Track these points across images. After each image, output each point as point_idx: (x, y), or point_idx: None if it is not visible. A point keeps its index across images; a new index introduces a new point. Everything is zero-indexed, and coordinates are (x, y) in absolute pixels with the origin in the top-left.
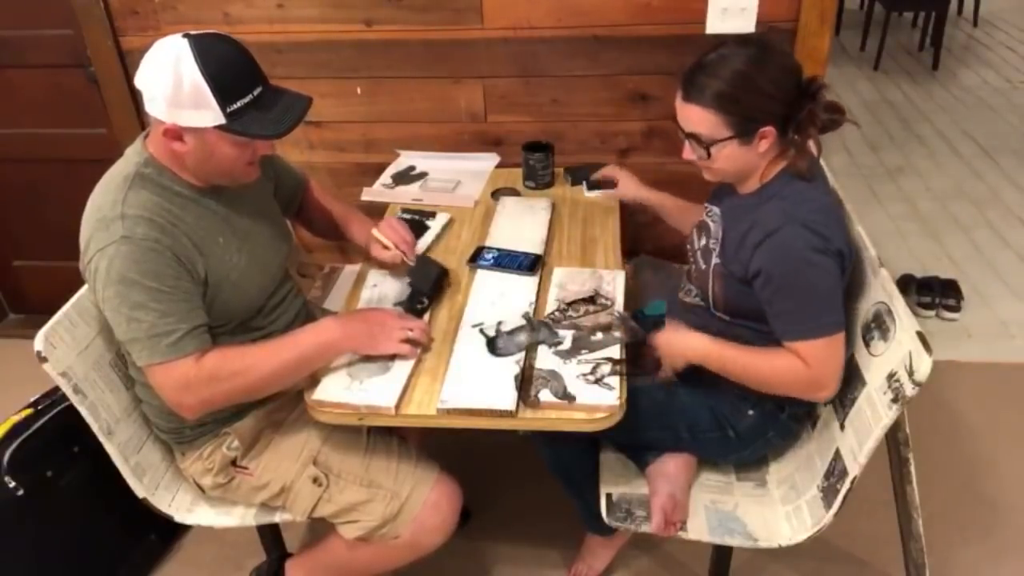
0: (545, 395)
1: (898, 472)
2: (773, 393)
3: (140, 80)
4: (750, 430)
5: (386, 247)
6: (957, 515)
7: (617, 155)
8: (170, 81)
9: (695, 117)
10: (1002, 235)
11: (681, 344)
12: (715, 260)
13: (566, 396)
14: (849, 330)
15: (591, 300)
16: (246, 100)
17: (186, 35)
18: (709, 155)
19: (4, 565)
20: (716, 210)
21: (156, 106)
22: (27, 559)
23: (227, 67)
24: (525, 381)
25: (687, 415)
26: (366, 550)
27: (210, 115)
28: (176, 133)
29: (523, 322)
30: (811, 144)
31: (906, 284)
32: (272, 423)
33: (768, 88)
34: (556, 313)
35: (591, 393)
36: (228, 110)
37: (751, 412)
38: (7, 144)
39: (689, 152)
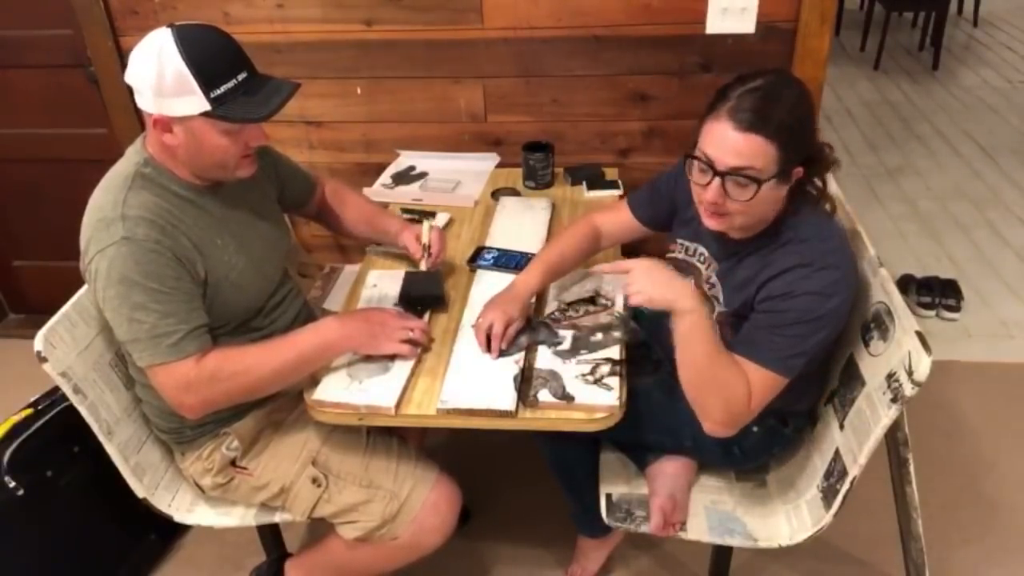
0: (544, 395)
1: (898, 472)
2: (699, 396)
3: (128, 74)
4: (755, 448)
5: (419, 240)
6: (957, 515)
7: (617, 155)
8: (153, 71)
9: (754, 149)
10: (1002, 235)
11: (677, 284)
12: (719, 308)
13: (565, 396)
14: (848, 330)
15: (591, 300)
16: (230, 85)
17: (170, 25)
18: (757, 193)
19: (4, 565)
20: (701, 250)
21: (144, 98)
22: (27, 559)
23: (209, 53)
24: (524, 381)
25: (692, 425)
26: (365, 550)
27: (194, 101)
28: (165, 124)
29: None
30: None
31: (906, 284)
32: (272, 423)
33: (807, 120)
34: (556, 313)
35: (590, 393)
36: (212, 95)
37: (755, 429)
38: (7, 144)
39: (719, 193)
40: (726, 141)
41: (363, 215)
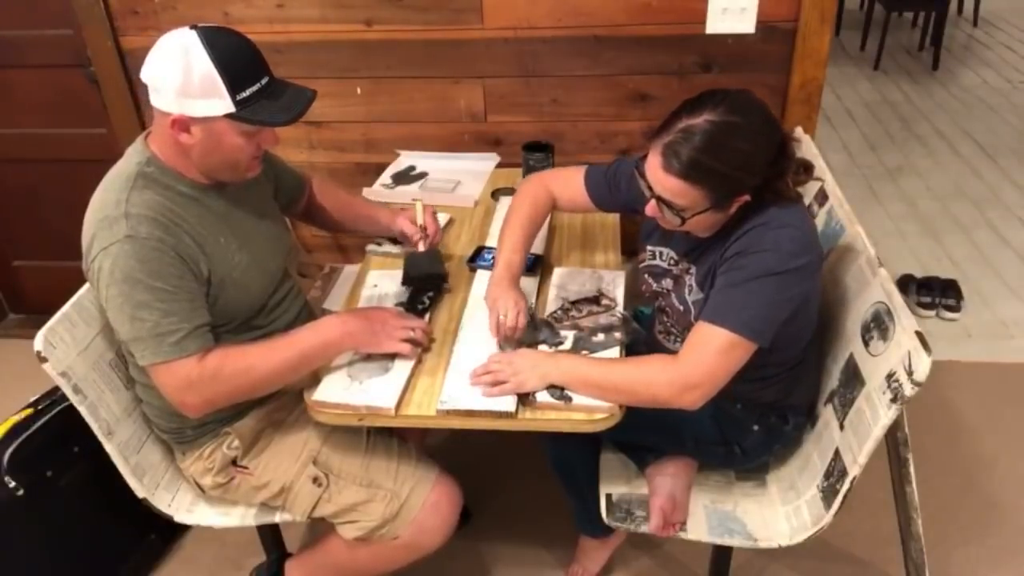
0: (542, 395)
1: (897, 472)
2: (638, 402)
3: (147, 72)
4: (756, 446)
5: (414, 222)
6: (957, 515)
7: (617, 155)
8: (180, 71)
9: (676, 189)
10: (1002, 235)
11: (546, 361)
12: (694, 297)
13: (563, 397)
14: (848, 330)
15: (595, 300)
16: (255, 88)
17: (193, 27)
18: (682, 222)
19: (4, 565)
20: (668, 252)
21: (164, 97)
22: (27, 559)
23: (236, 56)
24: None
25: (692, 426)
26: (366, 550)
27: (220, 103)
28: (184, 124)
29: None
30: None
31: (906, 284)
32: (272, 423)
33: (752, 162)
34: (559, 312)
35: None
36: (238, 98)
37: (756, 428)
38: (7, 144)
39: (655, 210)
40: (656, 174)
41: (349, 207)
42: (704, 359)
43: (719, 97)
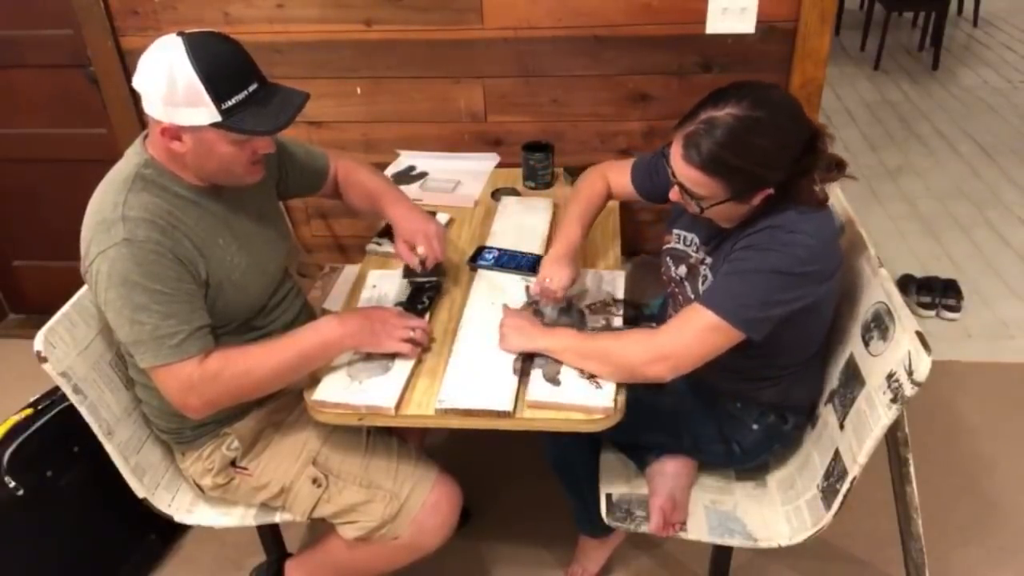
0: (536, 375)
1: (897, 472)
2: (611, 369)
3: (137, 81)
4: (755, 445)
5: (413, 249)
6: (957, 515)
7: (617, 155)
8: (164, 80)
9: (695, 179)
10: (1002, 235)
11: (538, 330)
12: (707, 287)
13: (554, 380)
14: (848, 330)
15: (636, 306)
16: (241, 97)
17: (180, 33)
18: (702, 211)
19: (4, 565)
20: (693, 237)
21: (153, 106)
22: (27, 559)
23: (221, 64)
24: (524, 374)
25: (692, 426)
26: (366, 550)
27: (205, 113)
28: (174, 133)
29: (563, 303)
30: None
31: (906, 284)
32: (272, 423)
33: (774, 158)
34: (597, 304)
35: (580, 388)
36: (223, 107)
37: (755, 427)
38: (7, 144)
39: (677, 196)
40: (677, 163)
41: (369, 201)
42: (682, 334)
43: (745, 91)
